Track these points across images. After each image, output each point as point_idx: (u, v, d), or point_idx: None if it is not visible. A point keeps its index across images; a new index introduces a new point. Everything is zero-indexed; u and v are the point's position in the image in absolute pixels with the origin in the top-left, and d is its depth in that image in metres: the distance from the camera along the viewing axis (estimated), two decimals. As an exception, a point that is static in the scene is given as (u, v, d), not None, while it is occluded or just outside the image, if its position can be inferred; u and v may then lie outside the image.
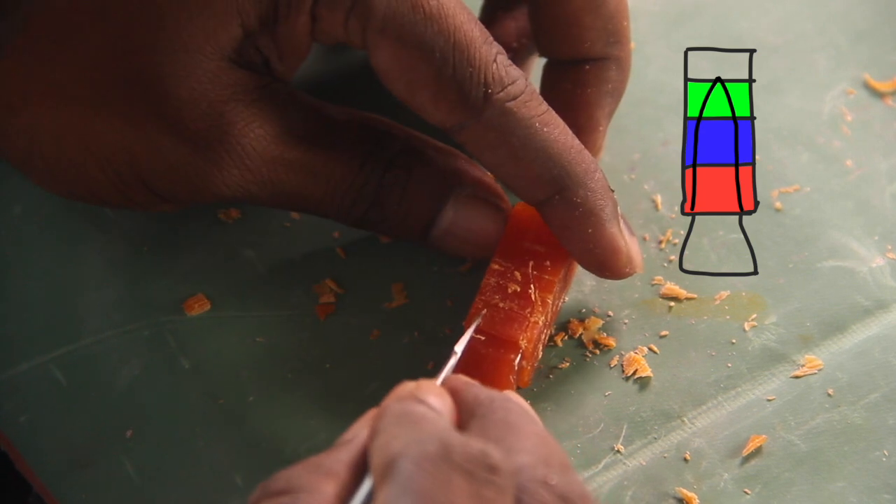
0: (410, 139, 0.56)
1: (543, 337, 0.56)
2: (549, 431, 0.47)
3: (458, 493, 0.40)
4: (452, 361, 0.52)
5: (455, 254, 0.58)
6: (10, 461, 0.56)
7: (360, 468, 0.44)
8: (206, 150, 0.53)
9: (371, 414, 0.46)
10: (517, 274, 0.55)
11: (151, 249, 0.61)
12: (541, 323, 0.54)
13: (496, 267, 0.55)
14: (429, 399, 0.45)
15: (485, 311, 0.54)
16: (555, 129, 0.54)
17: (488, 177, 0.57)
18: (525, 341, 0.54)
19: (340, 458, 0.44)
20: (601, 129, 0.59)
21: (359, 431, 0.46)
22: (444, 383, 0.48)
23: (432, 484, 0.40)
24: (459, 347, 0.53)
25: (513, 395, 0.49)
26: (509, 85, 0.53)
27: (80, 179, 0.55)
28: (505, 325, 0.54)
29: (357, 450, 0.45)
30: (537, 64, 0.63)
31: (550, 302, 0.55)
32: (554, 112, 0.54)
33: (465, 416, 0.46)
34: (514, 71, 0.54)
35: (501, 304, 0.54)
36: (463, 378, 0.48)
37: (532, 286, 0.55)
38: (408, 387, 0.46)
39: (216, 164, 0.54)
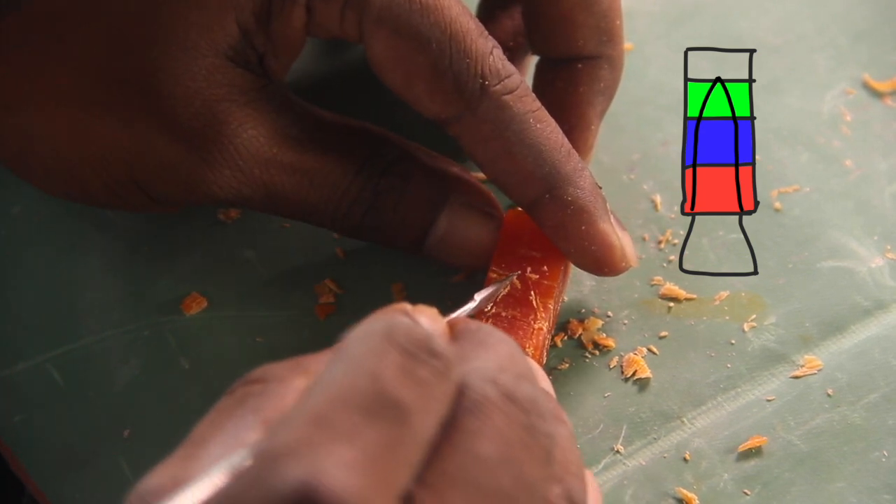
0: (406, 147, 0.56)
1: (547, 343, 0.56)
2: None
3: (388, 365, 0.40)
4: (468, 306, 0.52)
5: (450, 262, 0.58)
6: (4, 461, 0.56)
7: None
8: (200, 149, 0.53)
9: None
10: (516, 281, 0.55)
11: (151, 249, 0.61)
12: (545, 329, 0.54)
13: (494, 276, 0.55)
14: (419, 318, 0.43)
15: (513, 276, 0.54)
16: (547, 126, 0.54)
17: (481, 185, 0.57)
18: (531, 349, 0.53)
19: (321, 359, 0.44)
20: (593, 127, 0.59)
21: None
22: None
23: (365, 353, 0.40)
24: (480, 296, 0.53)
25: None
26: (506, 78, 0.53)
27: (75, 180, 0.55)
28: (509, 335, 0.53)
29: None
30: (533, 62, 0.63)
31: (552, 307, 0.55)
32: (546, 110, 0.54)
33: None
34: (510, 66, 0.54)
35: (503, 313, 0.54)
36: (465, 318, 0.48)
37: (532, 292, 0.55)
38: (403, 304, 0.45)
39: (209, 163, 0.54)
